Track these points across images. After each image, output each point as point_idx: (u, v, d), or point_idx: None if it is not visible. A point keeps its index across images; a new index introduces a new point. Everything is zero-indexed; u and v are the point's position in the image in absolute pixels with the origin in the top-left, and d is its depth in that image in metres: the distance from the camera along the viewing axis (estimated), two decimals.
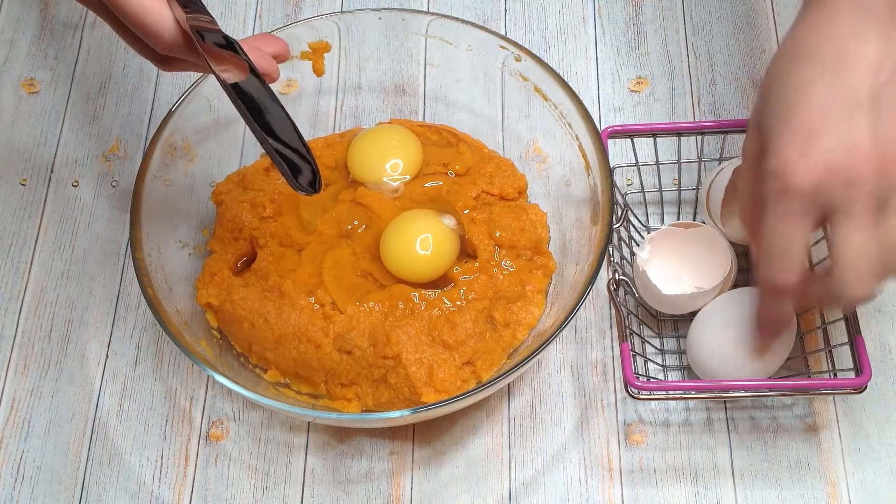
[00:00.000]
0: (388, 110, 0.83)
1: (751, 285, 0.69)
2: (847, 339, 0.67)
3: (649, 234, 0.72)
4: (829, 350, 0.70)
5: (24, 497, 0.70)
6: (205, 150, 0.77)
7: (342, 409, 0.68)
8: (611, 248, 0.71)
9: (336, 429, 0.72)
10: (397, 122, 0.80)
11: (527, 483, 0.70)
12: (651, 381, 0.70)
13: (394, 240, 0.71)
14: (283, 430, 0.72)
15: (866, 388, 0.65)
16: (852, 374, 0.66)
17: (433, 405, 0.63)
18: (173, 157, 0.73)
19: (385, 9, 0.79)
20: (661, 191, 0.77)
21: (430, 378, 0.67)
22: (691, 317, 0.70)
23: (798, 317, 0.70)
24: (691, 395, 0.68)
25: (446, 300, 0.70)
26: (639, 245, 0.73)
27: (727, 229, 0.71)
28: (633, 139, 0.75)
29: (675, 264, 0.72)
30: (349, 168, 0.76)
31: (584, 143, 0.71)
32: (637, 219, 0.77)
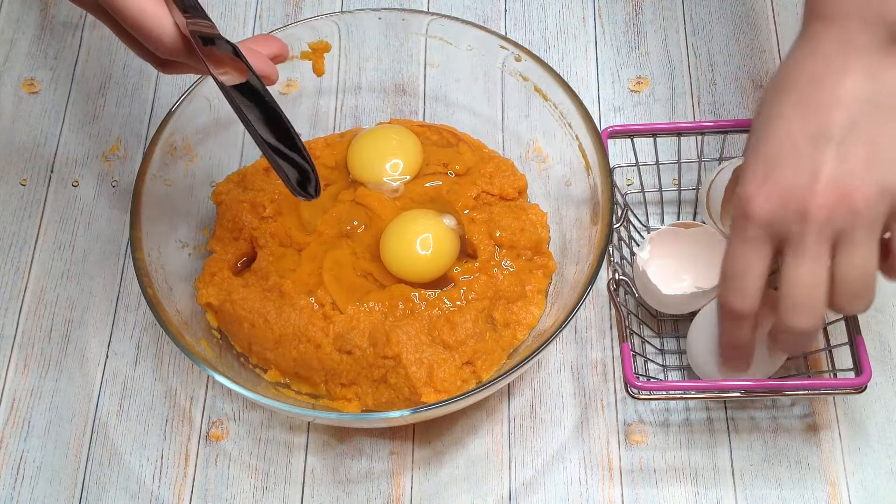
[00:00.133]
0: (388, 110, 0.83)
1: None
2: (847, 339, 0.67)
3: (649, 234, 0.72)
4: (829, 350, 0.70)
5: (24, 497, 0.70)
6: (205, 150, 0.77)
7: (342, 409, 0.68)
8: (611, 248, 0.71)
9: (336, 429, 0.72)
10: (397, 122, 0.80)
11: (527, 483, 0.70)
12: (651, 381, 0.70)
13: (394, 240, 0.71)
14: (283, 430, 0.72)
15: (866, 388, 0.65)
16: (852, 374, 0.66)
17: (433, 405, 0.63)
18: (173, 157, 0.73)
19: (385, 9, 0.79)
20: (661, 191, 0.77)
21: (430, 378, 0.67)
22: (691, 317, 0.70)
23: None
24: (691, 395, 0.68)
25: (446, 300, 0.70)
26: (639, 245, 0.73)
27: (727, 229, 0.71)
28: (633, 139, 0.75)
29: (675, 264, 0.72)
30: (349, 168, 0.76)
31: (584, 143, 0.71)
32: (637, 219, 0.77)
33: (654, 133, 0.74)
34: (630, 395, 0.67)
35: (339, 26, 0.77)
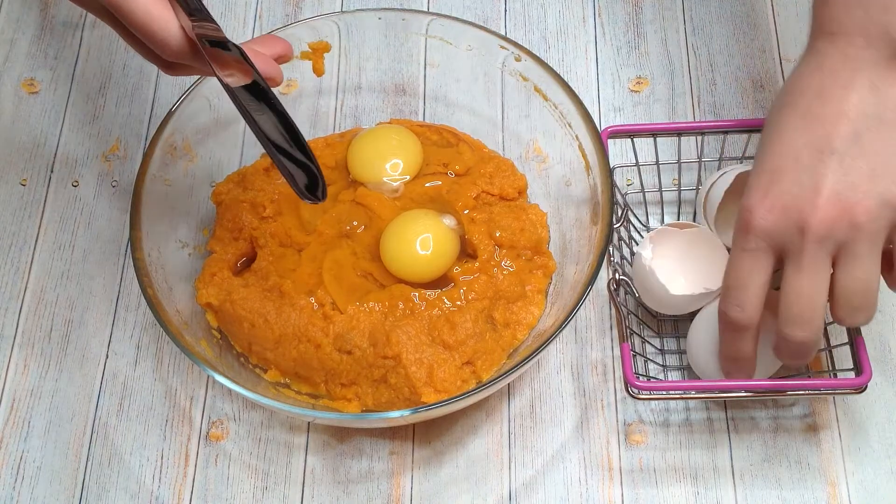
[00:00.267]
0: (388, 110, 0.83)
1: None
2: (847, 340, 0.67)
3: (648, 233, 0.72)
4: (829, 350, 0.70)
5: (24, 497, 0.70)
6: (205, 150, 0.77)
7: (342, 409, 0.68)
8: (611, 248, 0.71)
9: (336, 429, 0.72)
10: (397, 122, 0.80)
11: (527, 483, 0.70)
12: (651, 381, 0.70)
13: (394, 240, 0.71)
14: (283, 430, 0.72)
15: (866, 388, 0.65)
16: (852, 374, 0.66)
17: (433, 405, 0.63)
18: (173, 157, 0.73)
19: (385, 9, 0.79)
20: (661, 191, 0.77)
21: (430, 378, 0.67)
22: (691, 317, 0.70)
23: None
24: (691, 395, 0.68)
25: (446, 300, 0.70)
26: (638, 245, 0.73)
27: (723, 238, 0.71)
28: (633, 139, 0.75)
29: (674, 264, 0.72)
30: (349, 168, 0.76)
31: (584, 143, 0.71)
32: (637, 219, 0.77)
33: (654, 133, 0.75)
34: (630, 395, 0.67)
35: (339, 26, 0.77)
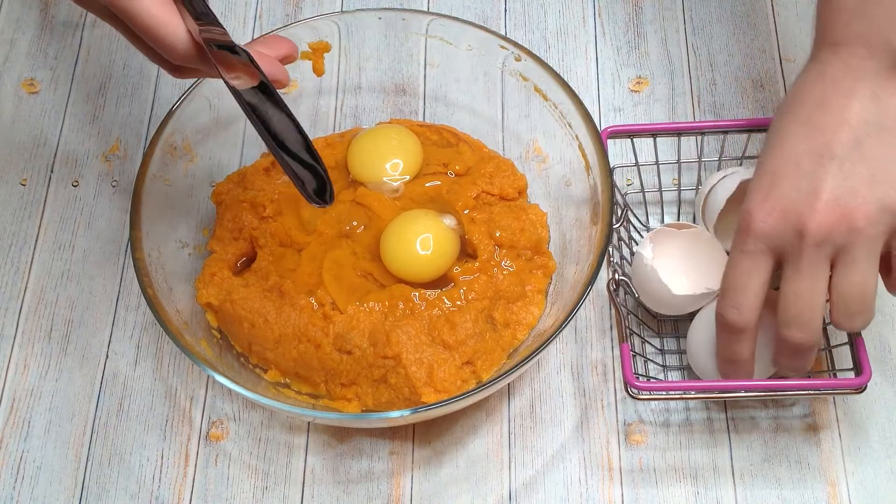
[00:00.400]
0: (388, 110, 0.83)
1: None
2: (847, 339, 0.67)
3: (648, 233, 0.72)
4: (829, 350, 0.70)
5: (24, 497, 0.70)
6: (205, 150, 0.77)
7: (342, 409, 0.68)
8: (611, 248, 0.71)
9: (336, 429, 0.72)
10: (397, 122, 0.80)
11: (527, 483, 0.70)
12: (651, 381, 0.70)
13: (394, 240, 0.71)
14: (283, 430, 0.72)
15: (866, 388, 0.65)
16: (852, 374, 0.66)
17: (433, 405, 0.63)
18: (173, 157, 0.73)
19: (385, 9, 0.79)
20: (661, 191, 0.77)
21: (430, 378, 0.67)
22: (691, 317, 0.70)
23: None
24: (691, 395, 0.68)
25: (446, 300, 0.70)
26: (638, 245, 0.73)
27: (724, 245, 0.71)
28: (633, 139, 0.75)
29: (674, 264, 0.72)
30: (349, 168, 0.76)
31: (584, 143, 0.71)
32: (637, 219, 0.77)
33: (654, 133, 0.74)
34: (630, 395, 0.67)
35: (339, 26, 0.77)
